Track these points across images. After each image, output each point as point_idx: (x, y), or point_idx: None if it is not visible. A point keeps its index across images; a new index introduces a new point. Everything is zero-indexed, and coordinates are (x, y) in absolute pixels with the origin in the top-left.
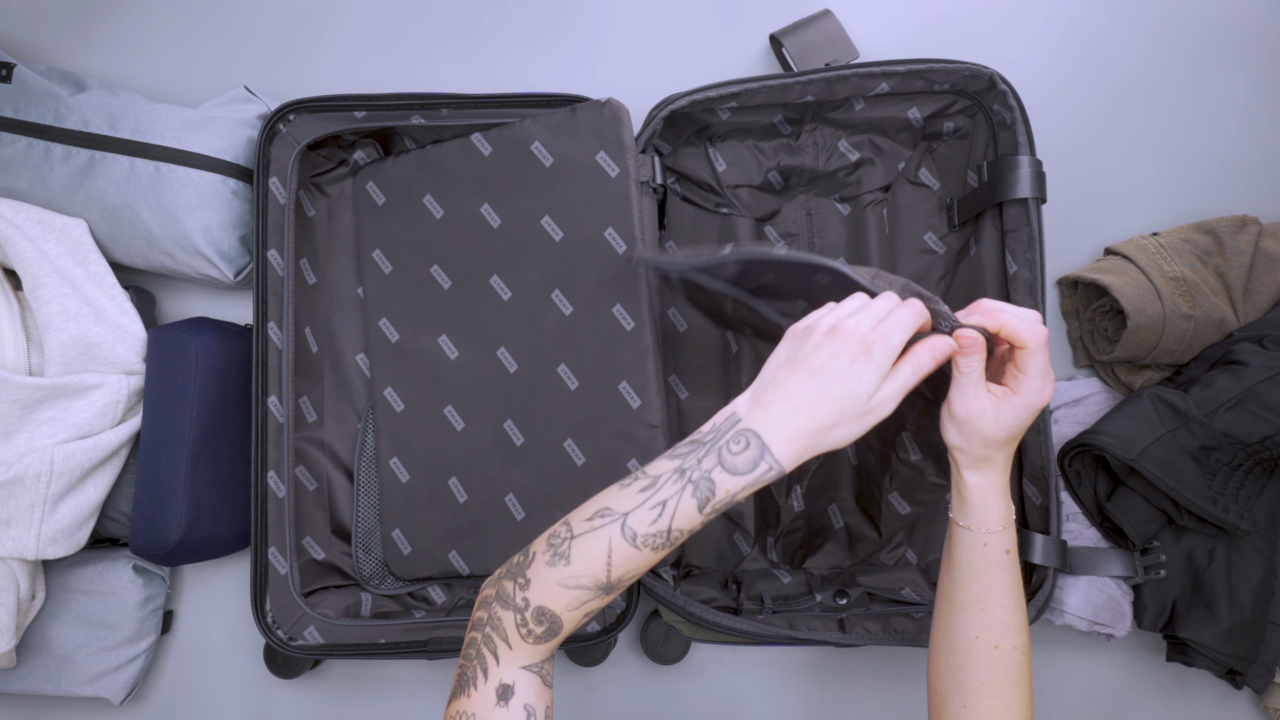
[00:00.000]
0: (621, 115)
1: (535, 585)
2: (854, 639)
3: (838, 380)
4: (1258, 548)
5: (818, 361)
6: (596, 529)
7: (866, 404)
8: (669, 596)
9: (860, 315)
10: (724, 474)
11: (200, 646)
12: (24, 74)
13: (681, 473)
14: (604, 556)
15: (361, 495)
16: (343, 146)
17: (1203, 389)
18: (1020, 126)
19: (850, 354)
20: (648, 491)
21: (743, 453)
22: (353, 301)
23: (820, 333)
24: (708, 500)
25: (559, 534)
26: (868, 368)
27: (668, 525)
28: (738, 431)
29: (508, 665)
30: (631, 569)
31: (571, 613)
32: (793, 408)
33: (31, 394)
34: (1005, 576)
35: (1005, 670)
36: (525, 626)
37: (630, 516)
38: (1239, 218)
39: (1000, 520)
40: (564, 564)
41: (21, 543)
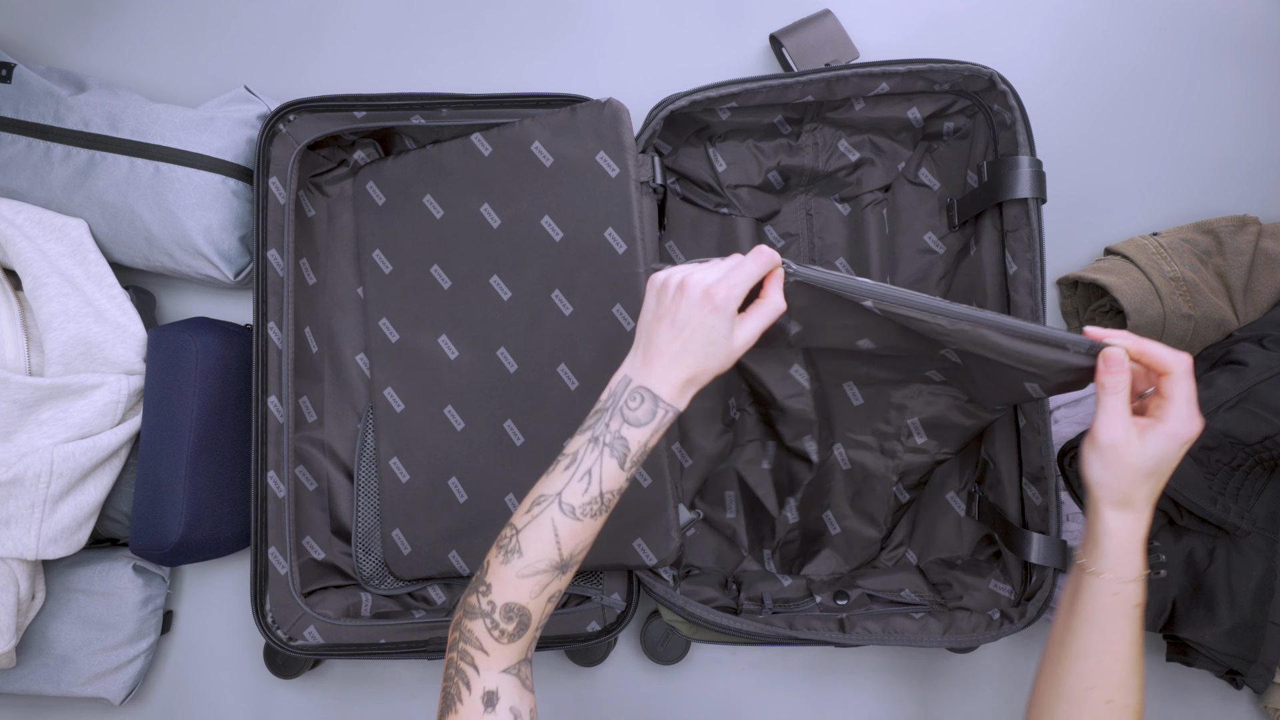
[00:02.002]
0: (621, 115)
1: (496, 586)
2: (854, 639)
3: (697, 332)
4: (1258, 548)
5: (680, 316)
6: (537, 516)
7: (727, 347)
8: (669, 596)
9: (708, 270)
10: (631, 429)
11: (200, 646)
12: (24, 74)
13: (595, 440)
14: (551, 537)
15: (361, 495)
16: (343, 146)
17: (1203, 389)
18: (1020, 126)
19: (700, 307)
20: (571, 468)
21: (640, 407)
22: (353, 301)
23: (673, 287)
24: (625, 456)
25: (506, 536)
26: (717, 318)
27: (599, 490)
28: (632, 391)
29: (488, 672)
30: (579, 541)
31: (535, 599)
32: (668, 360)
33: (31, 394)
34: (1131, 631)
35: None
36: (497, 628)
37: (564, 494)
38: (1239, 218)
39: (1135, 571)
40: (517, 557)
41: (21, 543)
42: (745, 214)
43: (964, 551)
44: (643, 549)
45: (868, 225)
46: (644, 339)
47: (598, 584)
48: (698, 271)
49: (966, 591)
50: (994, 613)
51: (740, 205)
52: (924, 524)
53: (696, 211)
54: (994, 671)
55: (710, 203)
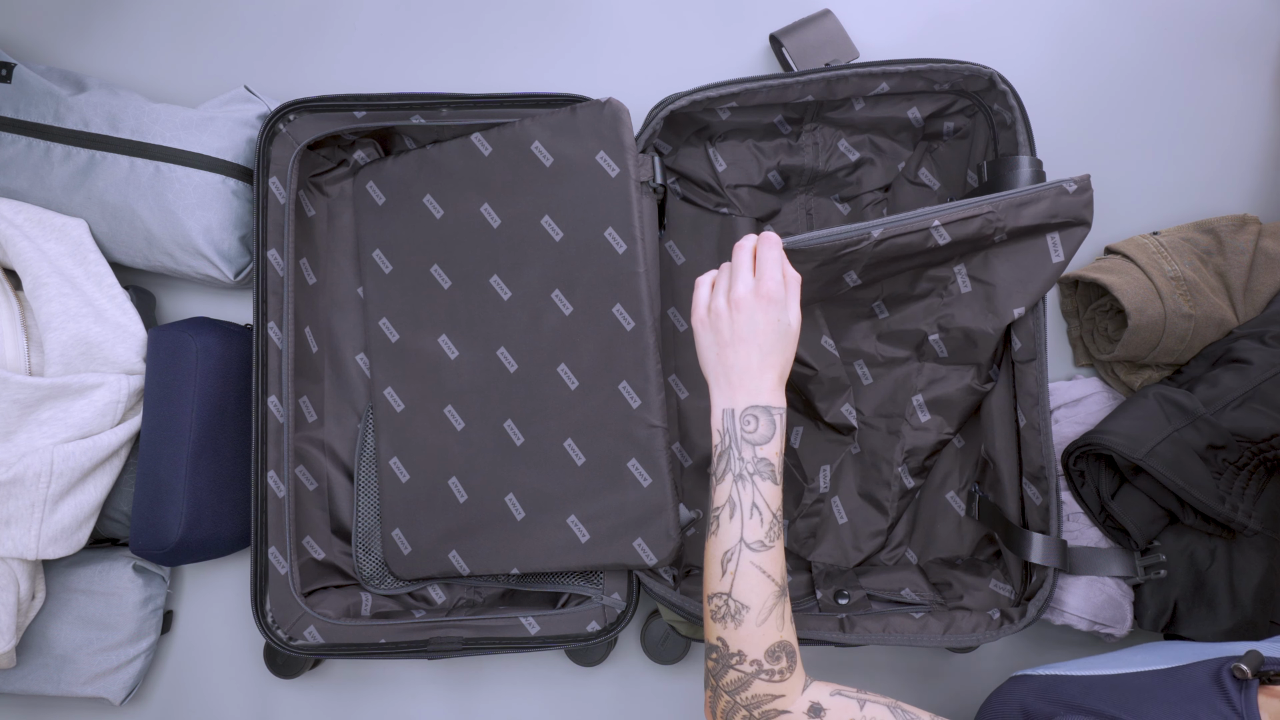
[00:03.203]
0: (621, 115)
1: (746, 647)
2: (854, 639)
3: (768, 334)
4: (1259, 547)
5: (743, 330)
6: (736, 570)
7: (791, 331)
8: (669, 596)
9: (741, 278)
10: (763, 448)
11: (200, 646)
12: (24, 74)
13: (740, 477)
14: (761, 577)
15: (361, 495)
16: (343, 146)
17: (1208, 388)
18: (1020, 126)
19: (762, 310)
20: (736, 514)
21: (758, 427)
22: (353, 301)
23: (724, 312)
24: (773, 471)
25: (717, 607)
26: (779, 309)
27: (771, 514)
28: (742, 417)
29: (795, 701)
30: (779, 564)
31: (784, 630)
32: (755, 373)
33: (31, 394)
34: None
35: None
36: (773, 674)
37: (745, 537)
38: (1239, 217)
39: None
40: (746, 612)
41: (21, 543)
42: (745, 214)
43: (964, 551)
44: (643, 549)
45: None
46: (720, 371)
47: (598, 584)
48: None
49: (966, 591)
50: (994, 613)
51: (740, 205)
52: (924, 524)
53: (696, 211)
54: (994, 671)
55: (710, 203)
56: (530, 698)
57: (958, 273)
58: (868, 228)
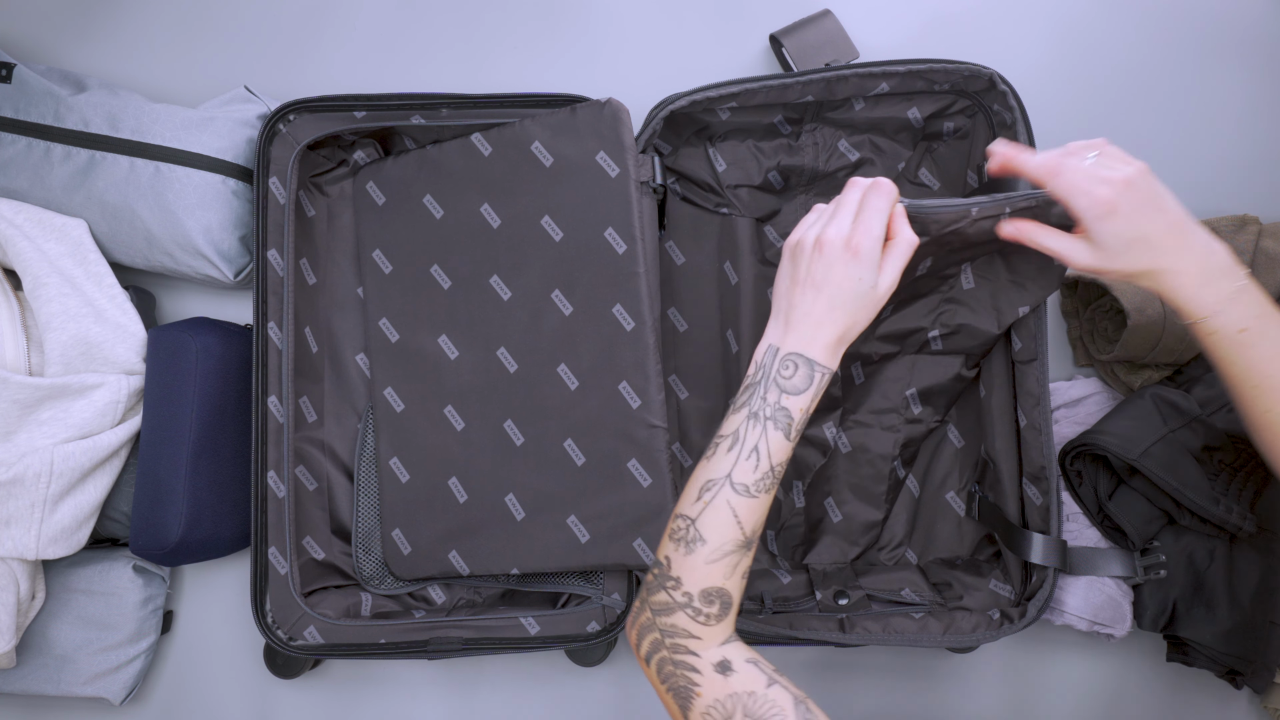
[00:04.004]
0: (621, 115)
1: (686, 576)
2: (854, 639)
3: (843, 288)
4: (1258, 548)
5: (819, 275)
6: (710, 501)
7: (873, 295)
8: None
9: (838, 221)
10: (790, 398)
11: (200, 646)
12: (24, 74)
13: (755, 416)
14: (730, 519)
15: (361, 495)
16: (343, 146)
17: (1205, 389)
18: (1020, 126)
19: (843, 262)
20: (736, 448)
21: (795, 375)
22: (353, 301)
23: (809, 248)
24: (790, 425)
25: (678, 528)
26: (862, 268)
27: (769, 465)
28: (783, 359)
29: (708, 650)
30: (758, 517)
31: (730, 579)
32: (815, 322)
33: (31, 394)
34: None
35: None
36: (700, 614)
37: (734, 474)
38: (1239, 217)
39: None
40: (701, 545)
41: (21, 543)
42: (745, 214)
43: (964, 551)
44: (643, 549)
45: None
46: (784, 306)
47: (598, 584)
48: (830, 225)
49: (966, 591)
50: (994, 613)
51: (740, 205)
52: (924, 524)
53: (696, 211)
54: (994, 671)
55: (710, 203)
56: (530, 698)
57: (963, 269)
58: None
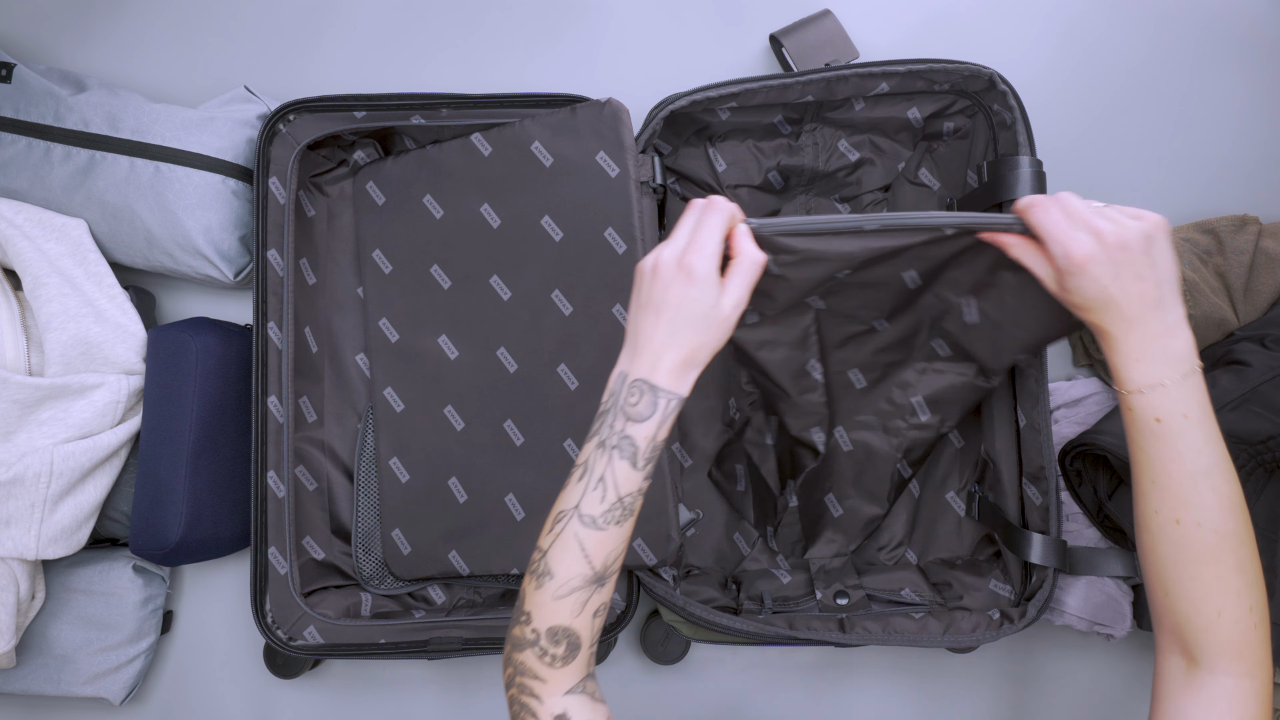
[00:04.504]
0: (621, 115)
1: (536, 613)
2: (854, 639)
3: (680, 310)
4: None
5: (657, 298)
6: (560, 533)
7: (717, 315)
8: (669, 596)
9: (674, 242)
10: (635, 425)
11: (200, 646)
12: (24, 74)
13: (602, 445)
14: (578, 552)
15: (361, 495)
16: (343, 146)
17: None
18: (1020, 126)
19: (678, 282)
20: (585, 478)
21: (640, 401)
22: (353, 301)
23: (647, 272)
24: (635, 454)
25: (534, 559)
26: (698, 288)
27: (616, 496)
28: (629, 386)
29: (550, 698)
30: (609, 551)
31: (579, 618)
32: (658, 347)
33: (31, 394)
34: (1168, 445)
35: (1194, 548)
36: (546, 655)
37: (582, 505)
38: (1239, 217)
39: (1131, 383)
40: (549, 579)
41: (21, 543)
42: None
43: (964, 551)
44: (642, 549)
45: None
46: (631, 331)
47: None
48: (666, 247)
49: (966, 591)
50: (994, 613)
51: (740, 205)
52: (924, 524)
53: None
54: (994, 671)
55: None
56: None
57: (964, 303)
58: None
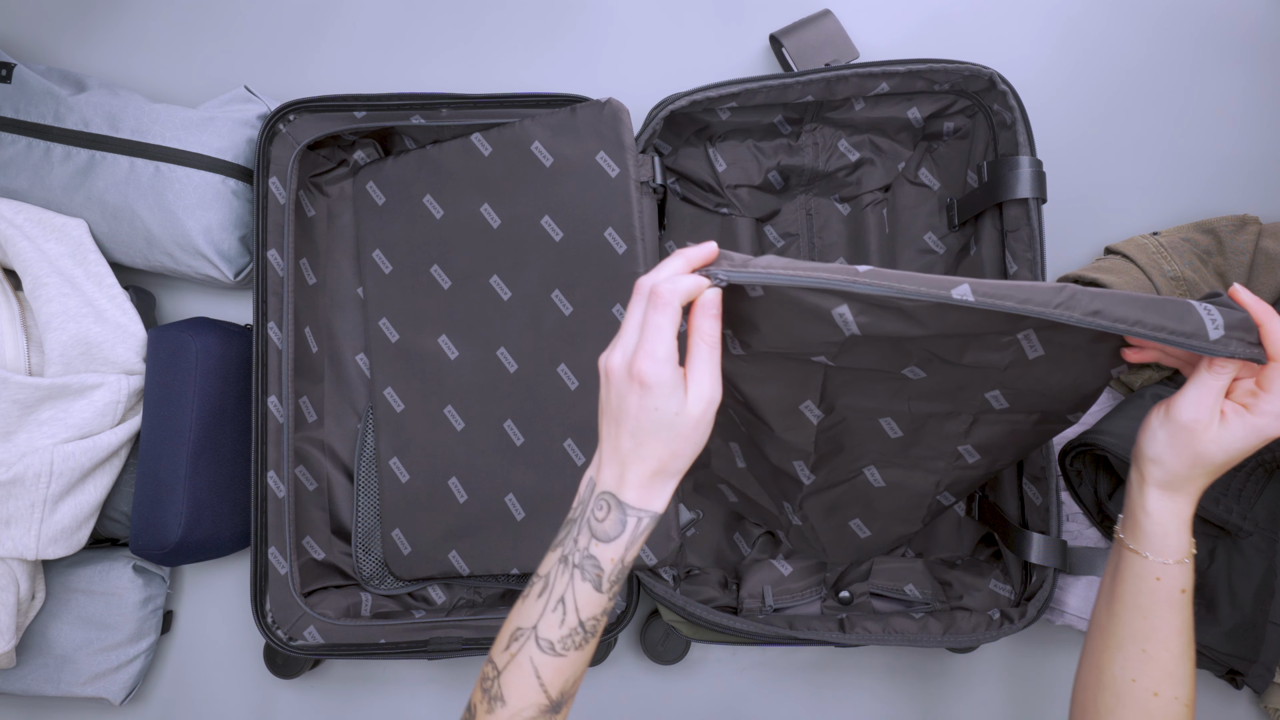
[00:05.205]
0: (621, 115)
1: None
2: (854, 639)
3: (640, 420)
4: (1258, 548)
5: (615, 406)
6: (516, 655)
7: (685, 420)
8: (669, 596)
9: (623, 343)
10: (601, 545)
11: (200, 646)
12: (24, 74)
13: (564, 560)
14: (533, 679)
15: (361, 495)
16: (343, 146)
17: None
18: (1020, 126)
19: (634, 393)
20: (545, 594)
21: (607, 518)
22: (353, 301)
23: (603, 378)
24: (599, 577)
25: (488, 675)
26: (656, 396)
27: (576, 620)
28: (597, 498)
29: None
30: (566, 677)
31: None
32: (622, 458)
33: (31, 394)
34: (1176, 618)
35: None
36: None
37: (539, 627)
38: (1239, 217)
39: (1180, 553)
40: (500, 705)
41: (21, 543)
42: (745, 214)
43: (964, 551)
44: (643, 549)
45: (868, 225)
46: (601, 434)
47: None
48: (615, 350)
49: (966, 591)
50: (994, 613)
51: (740, 205)
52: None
53: (696, 211)
54: (994, 671)
55: (710, 203)
56: None
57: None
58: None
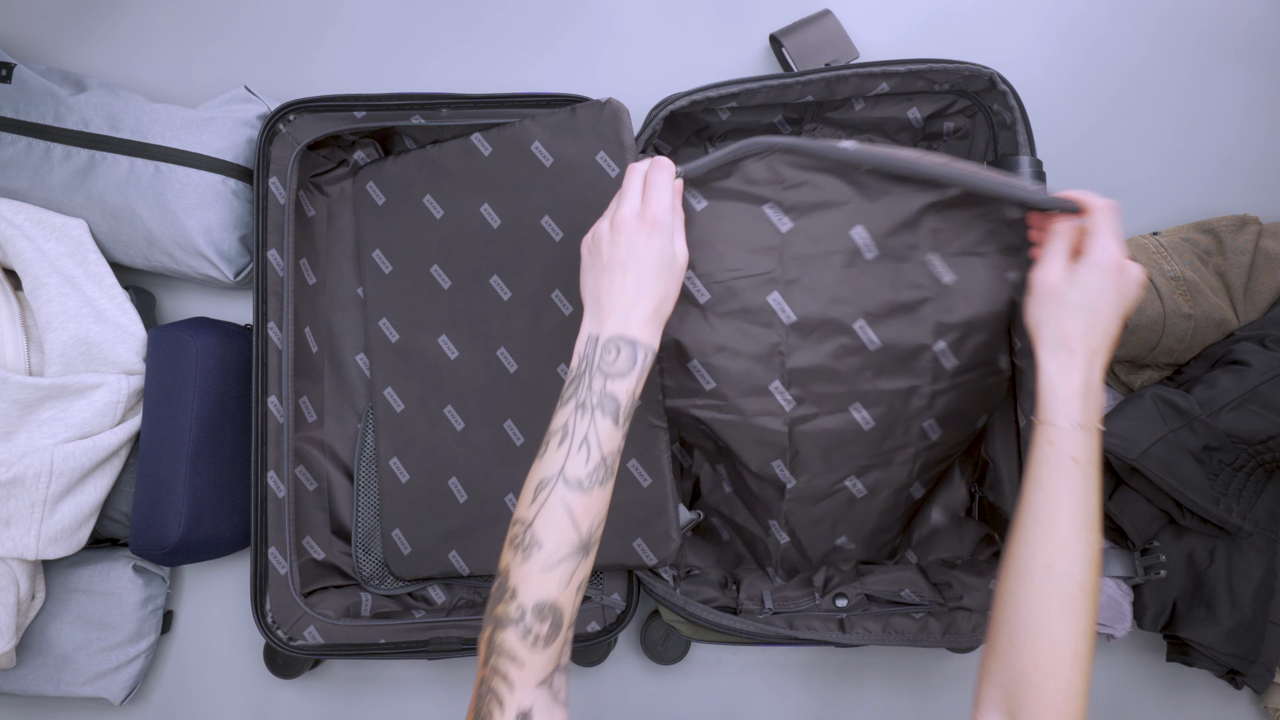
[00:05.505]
0: (621, 115)
1: (522, 587)
2: (854, 639)
3: (646, 260)
4: (1258, 548)
5: (622, 254)
6: (545, 502)
7: (676, 265)
8: (669, 596)
9: (628, 201)
10: (616, 382)
11: (200, 646)
12: (24, 74)
13: (581, 406)
14: (566, 518)
15: (361, 495)
16: (343, 146)
17: (1205, 389)
18: (1020, 126)
19: (643, 234)
20: (566, 442)
21: (618, 358)
22: (353, 301)
23: (606, 235)
24: (617, 411)
25: (515, 534)
26: (662, 237)
27: (600, 455)
28: (604, 345)
29: (522, 688)
30: (594, 515)
31: (565, 591)
32: (628, 301)
33: (31, 394)
34: (1069, 488)
35: (1057, 598)
36: (530, 633)
37: (566, 469)
38: (1239, 217)
39: (1070, 418)
40: (537, 550)
41: (21, 543)
42: None
43: (964, 551)
44: (643, 549)
45: None
46: (592, 297)
47: (598, 584)
48: (622, 206)
49: (966, 591)
50: None
51: None
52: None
53: None
54: None
55: None
56: None
57: (930, 262)
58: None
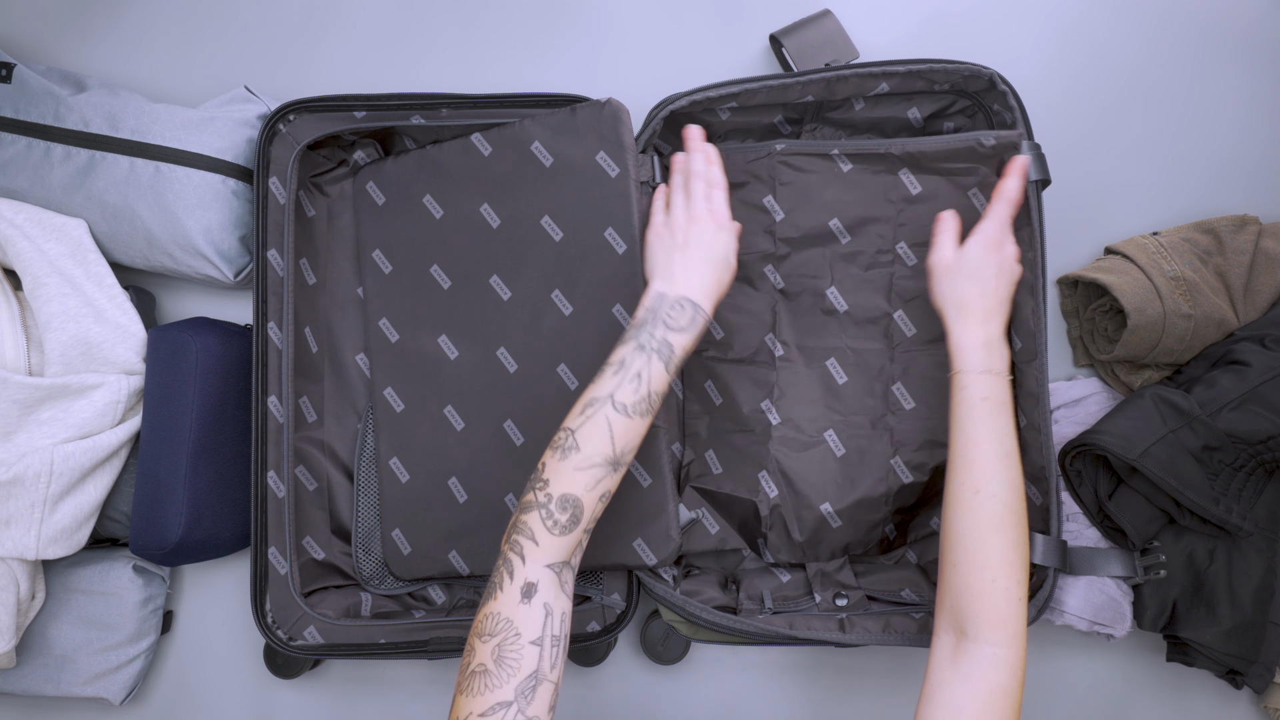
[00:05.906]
0: (621, 115)
1: (554, 479)
2: (854, 639)
3: (714, 250)
4: (1258, 548)
5: (695, 239)
6: (592, 416)
7: (731, 262)
8: (669, 596)
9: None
10: (675, 334)
11: (200, 646)
12: (24, 74)
13: (641, 347)
14: (606, 433)
15: (361, 495)
16: (343, 146)
17: (1205, 389)
18: (1020, 126)
19: (713, 230)
20: (621, 372)
21: (682, 315)
22: (353, 301)
23: (682, 222)
24: (670, 359)
25: (560, 438)
26: (730, 236)
27: (647, 390)
28: (673, 302)
29: (533, 563)
30: (630, 439)
31: (589, 493)
32: (699, 274)
33: (31, 394)
34: (985, 423)
35: (986, 518)
36: (550, 518)
37: (616, 394)
38: (1239, 217)
39: (972, 364)
40: (575, 452)
41: (21, 543)
42: None
43: None
44: (643, 549)
45: None
46: (663, 266)
47: (598, 584)
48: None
49: None
50: None
51: None
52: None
53: None
54: None
55: None
56: None
57: (898, 249)
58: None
